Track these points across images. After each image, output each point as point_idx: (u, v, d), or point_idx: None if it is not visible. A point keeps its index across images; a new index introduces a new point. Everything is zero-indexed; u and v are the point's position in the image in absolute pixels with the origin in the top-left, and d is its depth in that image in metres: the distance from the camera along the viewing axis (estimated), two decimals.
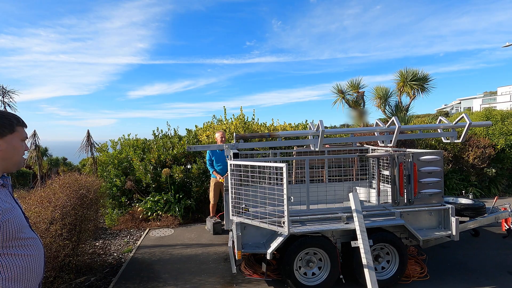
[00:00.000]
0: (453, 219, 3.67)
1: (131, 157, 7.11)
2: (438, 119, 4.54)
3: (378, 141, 4.49)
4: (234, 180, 3.45)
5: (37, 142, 5.35)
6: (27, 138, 1.46)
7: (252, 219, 3.28)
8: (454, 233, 3.66)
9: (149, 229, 6.03)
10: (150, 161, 6.81)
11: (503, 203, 5.12)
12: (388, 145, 4.21)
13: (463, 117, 4.31)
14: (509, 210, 4.82)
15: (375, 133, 4.41)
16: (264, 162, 3.38)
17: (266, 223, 3.19)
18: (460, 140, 4.24)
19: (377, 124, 4.37)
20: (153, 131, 7.88)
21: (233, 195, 3.46)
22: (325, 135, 3.88)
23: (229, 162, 3.52)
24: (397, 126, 3.93)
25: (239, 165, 3.41)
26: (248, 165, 3.32)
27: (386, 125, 4.18)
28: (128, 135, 7.82)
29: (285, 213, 3.02)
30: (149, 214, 6.46)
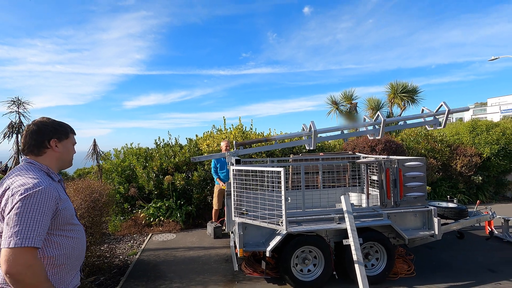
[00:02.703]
0: (435, 220, 4.03)
1: (134, 165, 7.40)
2: (421, 109, 4.93)
3: (368, 135, 4.84)
4: (236, 184, 3.77)
5: None
6: (76, 143, 1.80)
7: (253, 219, 3.59)
8: (436, 232, 4.01)
9: (152, 234, 6.27)
10: (153, 168, 7.10)
11: (485, 207, 5.48)
12: (377, 137, 4.58)
13: (442, 105, 4.70)
14: (490, 214, 5.18)
15: (365, 128, 4.78)
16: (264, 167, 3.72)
17: (266, 222, 3.50)
18: (442, 127, 4.62)
19: (364, 119, 4.78)
20: (155, 140, 8.21)
21: (236, 198, 3.78)
22: (318, 135, 4.28)
23: (231, 167, 3.86)
24: (382, 119, 4.36)
25: (241, 170, 3.75)
26: (249, 170, 3.66)
27: (373, 119, 4.59)
28: (131, 144, 8.12)
29: (283, 212, 3.35)
30: (151, 219, 6.71)
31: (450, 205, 5.13)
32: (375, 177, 4.51)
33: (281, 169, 3.34)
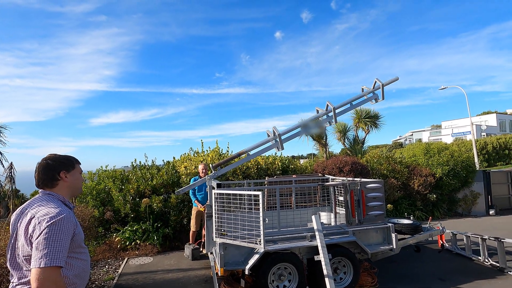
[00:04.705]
0: (393, 235, 4.57)
1: (110, 188, 7.36)
2: (361, 88, 5.67)
3: (324, 124, 5.45)
4: (217, 207, 4.07)
5: (13, 174, 5.55)
6: (82, 171, 2.05)
7: (233, 239, 3.88)
8: (394, 246, 4.54)
9: (128, 258, 6.23)
10: (129, 191, 7.11)
11: (437, 223, 6.20)
12: (333, 123, 5.24)
13: (376, 81, 5.46)
14: (441, 228, 5.88)
15: (320, 118, 5.38)
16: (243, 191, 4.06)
17: (246, 241, 3.81)
18: (381, 99, 5.41)
19: (318, 111, 5.40)
20: (132, 162, 8.25)
21: (216, 219, 4.06)
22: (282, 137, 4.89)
23: (213, 191, 4.16)
24: (332, 107, 5.05)
25: (222, 194, 4.06)
26: (230, 193, 3.99)
27: (325, 109, 5.23)
28: (106, 167, 8.08)
29: (261, 232, 3.69)
30: (127, 243, 6.66)
31: (407, 221, 5.76)
32: (341, 198, 5.01)
33: (259, 192, 3.71)
